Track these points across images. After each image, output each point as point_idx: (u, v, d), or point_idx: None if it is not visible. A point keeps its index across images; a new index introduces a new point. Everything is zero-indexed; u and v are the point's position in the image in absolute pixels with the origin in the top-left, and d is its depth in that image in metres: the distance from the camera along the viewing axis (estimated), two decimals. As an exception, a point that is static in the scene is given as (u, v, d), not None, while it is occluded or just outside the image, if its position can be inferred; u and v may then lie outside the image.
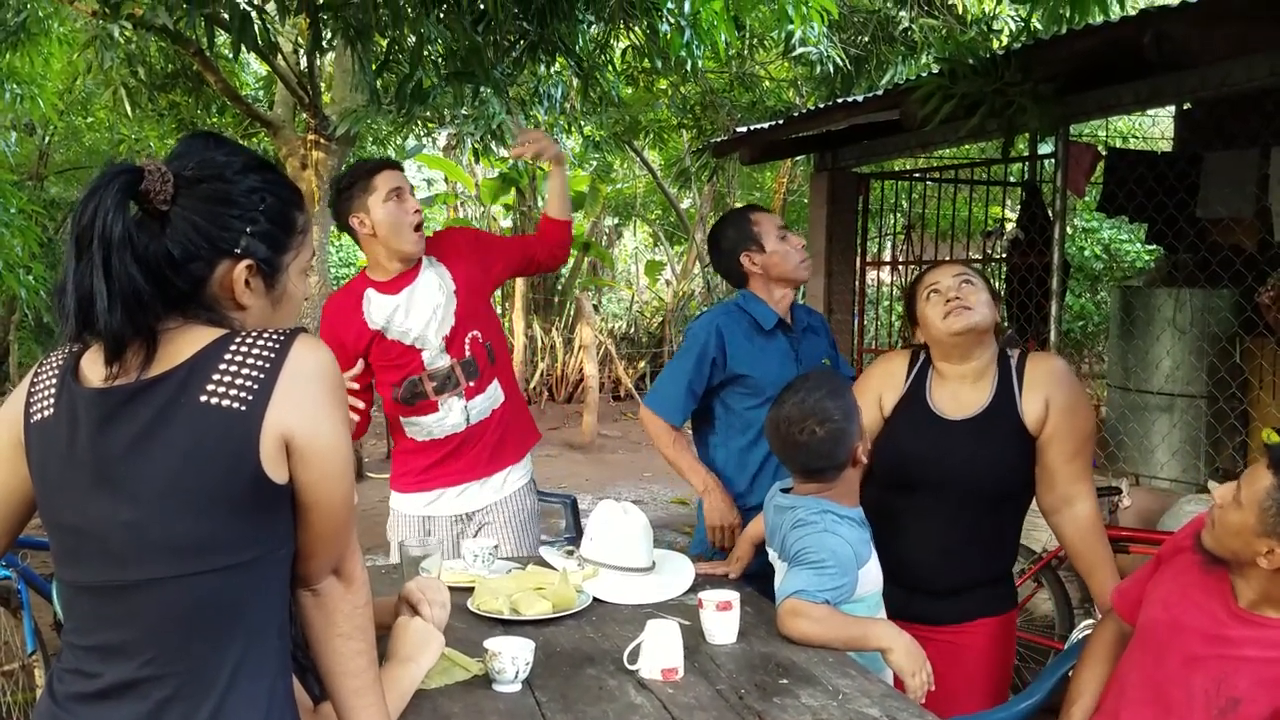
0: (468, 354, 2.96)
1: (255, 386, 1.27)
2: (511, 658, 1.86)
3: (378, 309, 2.92)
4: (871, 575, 2.22)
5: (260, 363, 1.29)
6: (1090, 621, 2.72)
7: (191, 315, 1.33)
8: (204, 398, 1.27)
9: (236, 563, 1.30)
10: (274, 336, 1.32)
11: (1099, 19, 3.15)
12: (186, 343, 1.31)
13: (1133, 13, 3.66)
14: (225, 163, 1.36)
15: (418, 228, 2.90)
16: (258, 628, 1.33)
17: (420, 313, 2.92)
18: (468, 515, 3.05)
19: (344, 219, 2.91)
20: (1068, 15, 2.96)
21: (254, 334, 1.32)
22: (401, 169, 2.95)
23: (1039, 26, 4.42)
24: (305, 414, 1.30)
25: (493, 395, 3.02)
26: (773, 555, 2.32)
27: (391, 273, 2.94)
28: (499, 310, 11.97)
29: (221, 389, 1.27)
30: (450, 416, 2.96)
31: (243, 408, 1.26)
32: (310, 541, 1.37)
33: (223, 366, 1.28)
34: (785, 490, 2.32)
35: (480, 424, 3.00)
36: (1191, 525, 2.09)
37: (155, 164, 1.31)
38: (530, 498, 3.16)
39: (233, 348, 1.30)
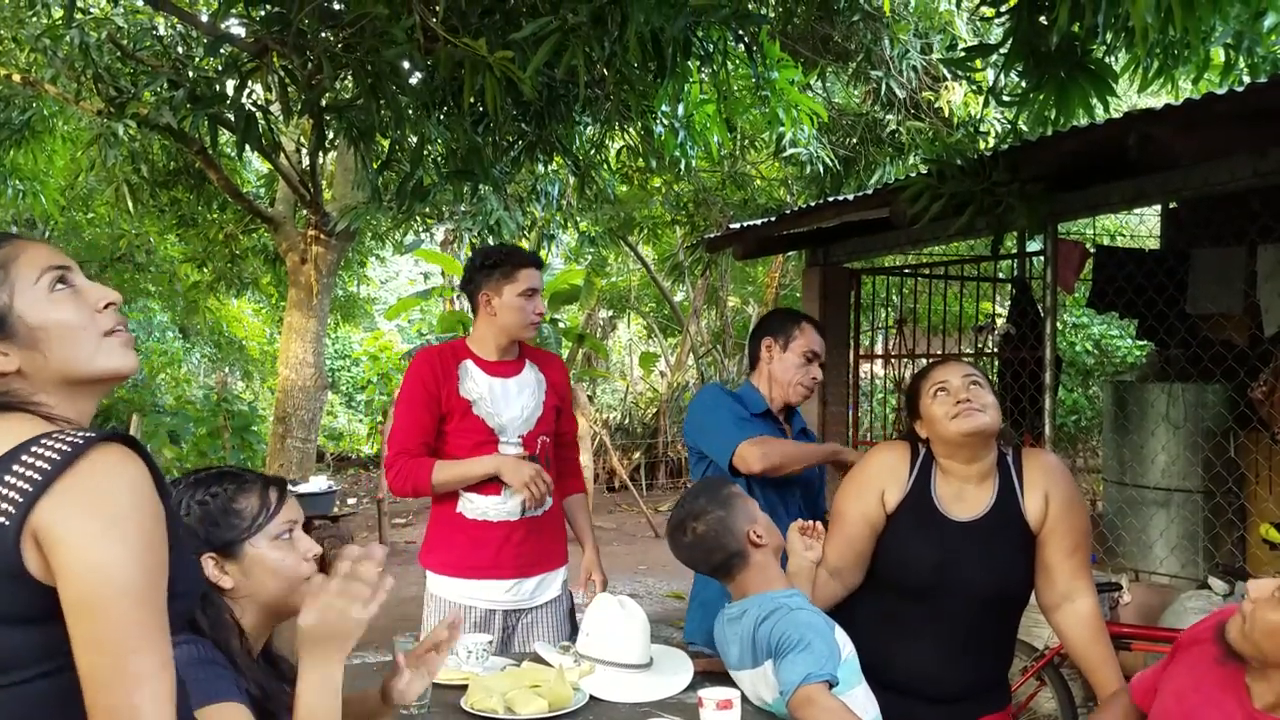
0: (537, 453, 3.06)
1: (29, 489, 1.14)
2: (508, 759, 1.82)
3: (474, 383, 3.01)
4: (843, 639, 2.18)
5: (44, 465, 1.15)
6: (1096, 722, 2.67)
7: None
8: None
9: (32, 675, 1.16)
10: (71, 439, 1.18)
11: (1084, 121, 3.22)
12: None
13: (1117, 115, 3.75)
14: None
15: (534, 326, 3.04)
16: None
17: (514, 405, 3.03)
18: (515, 613, 3.07)
19: (474, 289, 3.03)
20: (1053, 118, 3.03)
21: (56, 434, 1.19)
22: (543, 268, 3.08)
23: (1025, 129, 4.52)
24: (62, 511, 1.14)
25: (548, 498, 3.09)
26: (738, 675, 2.26)
27: (493, 354, 3.05)
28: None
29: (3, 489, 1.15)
30: (510, 503, 3.00)
31: (11, 509, 1.14)
32: (81, 677, 1.15)
33: (16, 469, 1.16)
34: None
35: (533, 520, 3.05)
36: (1213, 617, 2.05)
37: None
38: (569, 599, 3.23)
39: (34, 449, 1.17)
